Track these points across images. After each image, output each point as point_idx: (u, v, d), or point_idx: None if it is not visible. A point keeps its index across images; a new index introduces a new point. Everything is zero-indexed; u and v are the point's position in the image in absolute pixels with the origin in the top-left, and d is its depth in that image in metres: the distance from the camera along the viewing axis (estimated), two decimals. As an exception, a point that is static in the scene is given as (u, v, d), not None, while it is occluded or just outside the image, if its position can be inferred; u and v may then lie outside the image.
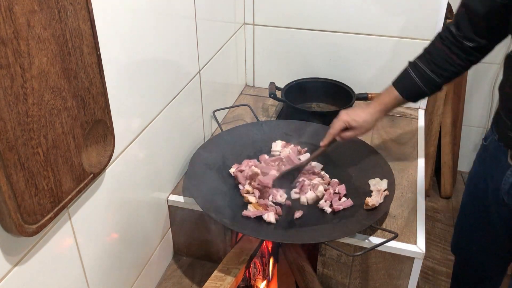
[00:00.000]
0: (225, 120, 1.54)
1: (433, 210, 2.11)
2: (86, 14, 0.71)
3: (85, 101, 0.74)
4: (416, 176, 1.26)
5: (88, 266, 0.88)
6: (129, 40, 0.91)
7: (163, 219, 1.20)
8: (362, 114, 1.10)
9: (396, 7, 1.46)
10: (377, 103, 1.11)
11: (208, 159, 1.22)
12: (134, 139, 0.99)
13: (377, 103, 1.11)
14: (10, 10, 0.57)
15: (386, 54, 1.54)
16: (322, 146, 1.15)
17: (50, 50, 0.65)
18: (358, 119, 1.10)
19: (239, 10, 1.59)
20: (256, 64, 1.73)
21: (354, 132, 1.12)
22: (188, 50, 1.21)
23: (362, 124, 1.10)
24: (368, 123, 1.10)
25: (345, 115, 1.11)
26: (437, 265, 1.86)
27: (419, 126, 1.49)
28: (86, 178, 0.78)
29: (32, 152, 0.65)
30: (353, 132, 1.12)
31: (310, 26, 1.58)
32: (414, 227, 1.09)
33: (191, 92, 1.25)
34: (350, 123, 1.10)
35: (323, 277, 1.14)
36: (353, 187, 1.16)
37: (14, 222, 0.64)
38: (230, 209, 1.09)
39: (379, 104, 1.11)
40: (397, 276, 1.07)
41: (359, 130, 1.11)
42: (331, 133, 1.13)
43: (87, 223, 0.86)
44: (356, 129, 1.11)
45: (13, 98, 0.60)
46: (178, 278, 1.22)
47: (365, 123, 1.10)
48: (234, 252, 1.08)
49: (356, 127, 1.10)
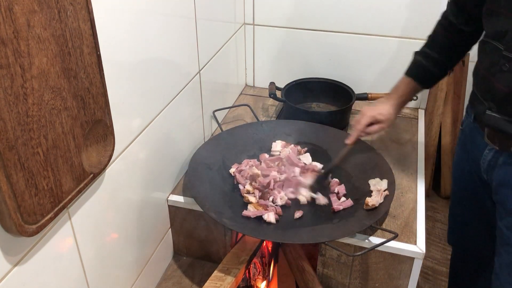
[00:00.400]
0: (225, 120, 1.54)
1: (433, 210, 2.10)
2: (86, 14, 0.71)
3: (85, 101, 0.74)
4: (416, 176, 1.26)
5: (88, 266, 0.88)
6: (129, 40, 0.91)
7: (163, 219, 1.20)
8: (386, 107, 1.14)
9: (396, 7, 1.46)
10: (397, 95, 1.15)
11: (208, 159, 1.22)
12: (134, 139, 0.99)
13: (396, 95, 1.15)
14: (10, 10, 0.57)
15: (386, 54, 1.54)
16: (349, 144, 1.18)
17: (50, 50, 0.65)
18: (384, 112, 1.14)
19: (239, 10, 1.59)
20: (256, 64, 1.73)
21: (380, 126, 1.15)
22: (188, 50, 1.21)
23: (389, 117, 1.14)
24: (393, 115, 1.15)
25: (370, 111, 1.15)
26: (437, 265, 1.86)
27: (419, 126, 1.49)
28: (86, 178, 0.78)
29: (32, 152, 0.65)
30: (379, 126, 1.15)
31: (310, 26, 1.58)
32: (414, 227, 1.09)
33: (191, 92, 1.25)
34: (377, 117, 1.14)
35: (323, 277, 1.14)
36: (353, 187, 1.16)
37: (14, 222, 0.64)
38: (230, 209, 1.09)
39: (400, 96, 1.14)
40: (397, 276, 1.07)
41: (386, 123, 1.15)
42: (358, 129, 1.16)
43: (87, 223, 0.86)
44: (383, 123, 1.15)
45: (13, 98, 0.60)
46: (178, 278, 1.22)
47: (391, 116, 1.14)
48: (234, 252, 1.08)
49: (383, 120, 1.14)
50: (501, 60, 0.89)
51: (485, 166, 1.02)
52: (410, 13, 1.45)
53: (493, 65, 0.92)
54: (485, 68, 0.95)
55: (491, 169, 1.01)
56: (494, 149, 0.98)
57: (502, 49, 0.89)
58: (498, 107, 0.93)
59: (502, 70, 0.89)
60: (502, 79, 0.90)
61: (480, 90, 0.99)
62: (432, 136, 1.92)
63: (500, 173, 0.99)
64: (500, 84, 0.90)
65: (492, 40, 0.93)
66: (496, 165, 0.99)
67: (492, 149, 0.99)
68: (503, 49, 0.88)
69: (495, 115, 0.94)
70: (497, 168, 0.99)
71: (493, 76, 0.92)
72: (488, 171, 1.02)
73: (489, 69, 0.94)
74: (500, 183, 0.99)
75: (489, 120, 0.95)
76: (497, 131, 0.95)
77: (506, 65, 0.88)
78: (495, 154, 0.99)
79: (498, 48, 0.90)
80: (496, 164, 0.99)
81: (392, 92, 1.17)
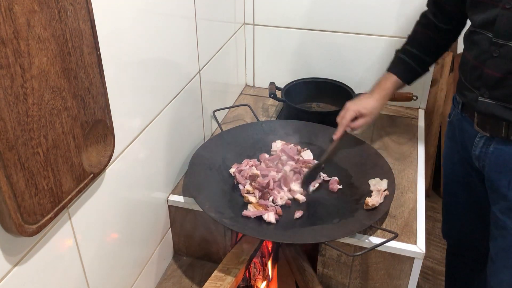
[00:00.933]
0: (225, 120, 1.54)
1: (433, 210, 2.10)
2: (86, 14, 0.71)
3: (85, 101, 0.74)
4: (416, 176, 1.26)
5: (88, 266, 0.88)
6: (129, 40, 0.91)
7: (163, 219, 1.20)
8: (370, 101, 1.17)
9: (396, 7, 1.46)
10: (380, 90, 1.18)
11: (208, 159, 1.22)
12: (134, 139, 0.99)
13: (379, 90, 1.18)
14: (10, 10, 0.57)
15: (386, 54, 1.54)
16: (336, 139, 1.19)
17: (50, 50, 0.65)
18: (367, 106, 1.16)
19: (239, 10, 1.58)
20: (256, 64, 1.73)
21: (365, 120, 1.17)
22: (188, 50, 1.21)
23: (372, 111, 1.16)
24: (377, 109, 1.17)
25: (353, 105, 1.18)
26: (437, 265, 1.86)
27: (419, 126, 1.49)
28: (86, 178, 0.78)
29: (32, 152, 0.65)
30: (364, 120, 1.17)
31: (310, 26, 1.58)
32: (414, 227, 1.09)
33: (191, 92, 1.25)
34: (361, 111, 1.16)
35: (323, 277, 1.14)
36: (353, 187, 1.16)
37: (14, 222, 0.64)
38: (230, 209, 1.09)
39: (382, 90, 1.18)
40: (397, 276, 1.07)
41: (369, 117, 1.17)
42: (343, 124, 1.18)
43: (87, 223, 0.86)
44: (367, 116, 1.17)
45: (13, 98, 0.60)
46: (178, 278, 1.22)
47: (375, 109, 1.17)
48: (234, 252, 1.08)
49: (366, 114, 1.16)
50: (491, 47, 0.93)
51: (477, 153, 1.05)
52: (410, 13, 1.45)
53: (483, 52, 0.96)
54: (475, 57, 0.99)
55: (483, 155, 1.04)
56: (485, 136, 1.02)
57: (491, 36, 0.93)
58: (491, 93, 0.96)
59: (492, 57, 0.93)
60: (493, 65, 0.94)
61: (470, 80, 1.02)
62: (432, 136, 1.92)
63: (492, 159, 1.02)
64: (491, 70, 0.94)
65: (480, 29, 0.96)
66: (488, 151, 1.03)
67: (483, 136, 1.03)
68: (492, 36, 0.92)
69: (487, 101, 0.97)
70: (489, 154, 1.02)
71: (484, 63, 0.96)
72: (480, 157, 1.05)
73: (478, 57, 0.97)
74: (492, 168, 1.03)
75: (481, 106, 0.98)
76: (488, 117, 0.99)
77: (496, 51, 0.92)
78: (486, 141, 1.02)
79: (487, 36, 0.94)
80: (488, 150, 1.02)
81: (375, 87, 1.20)
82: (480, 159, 1.05)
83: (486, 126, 1.00)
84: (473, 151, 1.06)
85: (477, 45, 0.97)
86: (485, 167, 1.05)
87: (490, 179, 1.05)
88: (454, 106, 1.15)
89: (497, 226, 1.05)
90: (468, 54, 1.02)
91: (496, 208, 1.04)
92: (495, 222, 1.06)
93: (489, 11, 0.92)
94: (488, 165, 1.04)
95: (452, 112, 1.16)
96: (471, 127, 1.05)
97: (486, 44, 0.94)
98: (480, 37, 0.96)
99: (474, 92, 1.00)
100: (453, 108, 1.16)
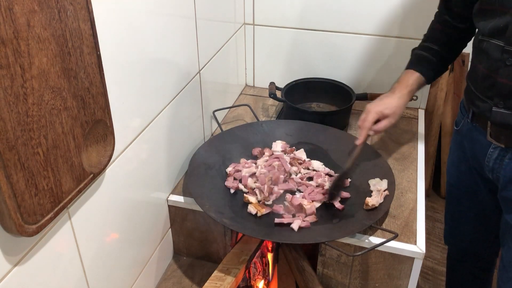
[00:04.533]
0: (225, 120, 1.54)
1: (433, 210, 2.10)
2: (86, 14, 0.71)
3: (85, 101, 0.74)
4: (416, 176, 1.26)
5: (88, 266, 0.88)
6: (129, 40, 0.91)
7: (163, 219, 1.20)
8: (392, 100, 1.09)
9: (395, 7, 1.46)
10: (402, 87, 1.11)
11: (208, 159, 1.22)
12: (134, 139, 0.99)
13: (401, 87, 1.11)
14: (10, 10, 0.57)
15: (386, 54, 1.54)
16: (359, 144, 1.11)
17: (50, 50, 0.65)
18: (390, 106, 1.08)
19: (239, 10, 1.58)
20: (256, 64, 1.73)
21: (388, 121, 1.09)
22: (188, 50, 1.21)
23: (395, 110, 1.08)
24: (400, 107, 1.09)
25: (375, 106, 1.10)
26: (437, 265, 1.86)
27: (419, 126, 1.49)
28: (86, 178, 0.78)
29: (32, 152, 0.65)
30: (387, 121, 1.09)
31: (310, 26, 1.58)
32: (414, 227, 1.09)
33: (191, 92, 1.25)
34: (384, 112, 1.08)
35: (323, 277, 1.14)
36: (353, 187, 1.16)
37: (14, 222, 0.64)
38: (230, 209, 1.09)
39: (405, 87, 1.10)
40: (397, 276, 1.07)
41: (393, 118, 1.09)
42: (365, 128, 1.10)
43: (87, 223, 0.86)
44: (390, 117, 1.09)
45: (13, 98, 0.60)
46: (178, 278, 1.22)
47: (398, 109, 1.09)
48: (234, 252, 1.08)
49: (389, 114, 1.08)
50: (504, 55, 0.89)
51: (491, 165, 1.02)
52: (409, 13, 1.45)
53: (495, 61, 0.92)
54: (486, 66, 0.95)
55: (498, 166, 1.00)
56: (499, 147, 0.98)
57: (503, 44, 0.89)
58: (505, 102, 0.92)
59: (506, 65, 0.89)
60: (507, 74, 0.90)
61: (482, 89, 0.98)
62: (432, 136, 1.92)
63: (507, 170, 0.98)
64: (505, 79, 0.90)
65: (490, 38, 0.93)
66: (503, 162, 0.99)
67: (497, 147, 0.99)
68: (504, 44, 0.89)
69: (502, 111, 0.93)
70: (504, 165, 0.99)
71: (496, 72, 0.92)
72: (494, 169, 1.01)
73: (490, 67, 0.94)
74: (509, 179, 0.99)
75: (495, 116, 0.95)
76: (503, 127, 0.95)
77: (510, 59, 0.88)
78: (500, 152, 0.99)
79: (498, 44, 0.90)
80: (503, 162, 0.99)
81: (395, 85, 1.13)
82: (494, 171, 1.01)
83: (501, 137, 0.96)
84: (486, 162, 1.02)
85: (488, 54, 0.93)
86: (499, 179, 1.01)
87: (506, 190, 1.00)
88: (462, 115, 1.10)
89: (510, 235, 1.02)
90: (478, 63, 0.98)
91: (510, 217, 1.01)
92: (508, 231, 1.02)
93: (499, 18, 0.89)
94: (504, 176, 0.99)
95: (461, 121, 1.11)
96: (483, 137, 1.00)
97: (497, 53, 0.90)
98: (491, 45, 0.92)
99: (487, 102, 0.96)
100: (461, 117, 1.11)
